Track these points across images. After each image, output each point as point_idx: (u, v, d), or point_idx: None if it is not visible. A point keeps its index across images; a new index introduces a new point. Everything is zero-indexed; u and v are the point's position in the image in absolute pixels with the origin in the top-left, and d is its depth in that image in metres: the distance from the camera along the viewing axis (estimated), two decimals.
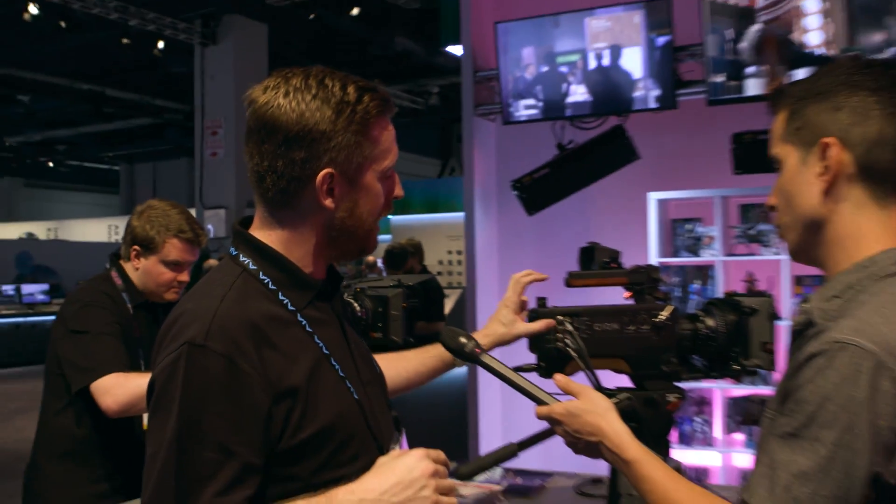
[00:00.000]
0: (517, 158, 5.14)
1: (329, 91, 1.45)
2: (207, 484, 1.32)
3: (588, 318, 2.21)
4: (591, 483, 2.74)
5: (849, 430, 1.21)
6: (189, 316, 1.41)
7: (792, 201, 1.45)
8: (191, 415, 1.34)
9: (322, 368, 1.48)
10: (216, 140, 11.85)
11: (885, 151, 1.36)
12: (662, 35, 4.47)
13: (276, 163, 1.45)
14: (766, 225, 4.83)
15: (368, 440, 1.53)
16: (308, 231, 1.51)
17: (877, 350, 1.23)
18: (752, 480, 1.31)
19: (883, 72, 1.39)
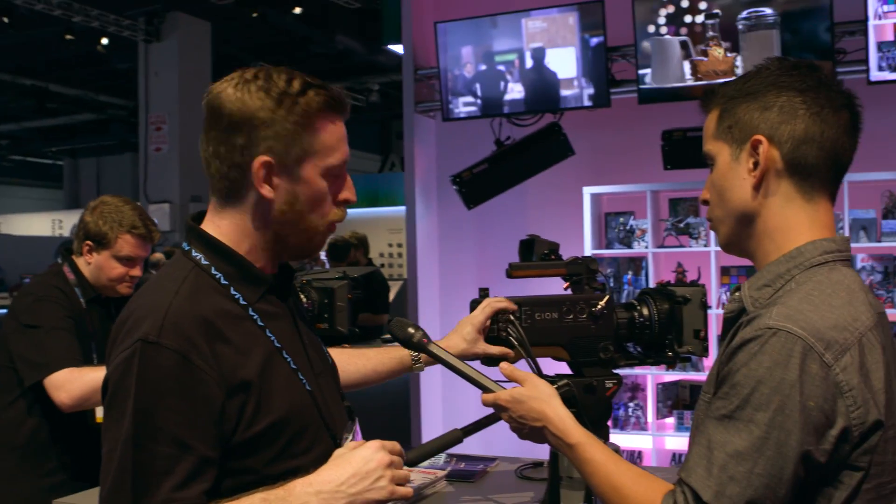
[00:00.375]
0: (456, 154, 5.26)
1: (273, 82, 1.48)
2: (164, 479, 1.34)
3: (529, 308, 2.29)
4: (533, 467, 2.85)
5: (781, 411, 1.27)
6: (142, 312, 1.42)
7: (724, 196, 1.51)
8: (146, 411, 1.35)
9: (274, 362, 1.49)
10: (160, 135, 11.76)
11: (811, 148, 1.43)
12: (596, 36, 4.62)
13: (220, 148, 1.48)
14: (695, 218, 5.02)
15: (322, 430, 1.56)
16: (252, 224, 1.51)
17: (806, 335, 1.29)
18: (689, 461, 1.35)
19: (808, 74, 1.47)
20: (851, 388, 1.30)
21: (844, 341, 1.32)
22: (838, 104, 1.45)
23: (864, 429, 1.30)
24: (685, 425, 5.00)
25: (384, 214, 12.25)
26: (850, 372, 1.30)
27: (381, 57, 12.74)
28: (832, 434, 1.29)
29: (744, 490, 1.28)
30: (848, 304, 1.37)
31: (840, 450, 1.30)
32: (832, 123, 1.44)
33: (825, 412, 1.28)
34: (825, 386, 1.28)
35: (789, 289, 1.40)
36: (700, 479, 1.31)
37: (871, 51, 4.13)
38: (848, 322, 1.34)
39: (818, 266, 1.42)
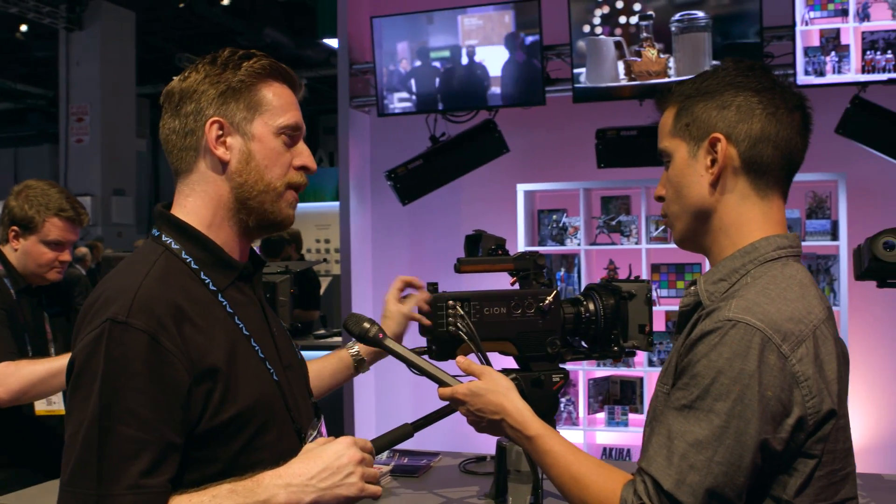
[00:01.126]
0: (391, 150, 5.25)
1: (218, 56, 1.54)
2: (131, 463, 1.31)
3: (478, 303, 2.30)
4: (476, 461, 2.87)
5: (740, 400, 1.30)
6: (111, 293, 1.41)
7: (681, 192, 1.53)
8: (113, 392, 1.32)
9: (242, 349, 1.48)
10: (82, 126, 11.45)
11: (767, 147, 1.47)
12: (531, 34, 4.67)
13: (174, 122, 1.53)
14: (627, 216, 5.10)
15: (287, 423, 1.54)
16: (213, 192, 1.53)
17: (764, 327, 1.33)
18: (649, 451, 1.38)
19: (763, 75, 1.51)
20: (807, 378, 1.34)
21: (800, 333, 1.36)
22: (792, 105, 1.50)
23: (818, 417, 1.35)
24: (615, 420, 5.08)
25: (312, 210, 12.13)
26: (805, 363, 1.35)
27: (310, 51, 12.67)
28: (788, 423, 1.33)
29: (703, 478, 1.31)
30: (801, 297, 1.41)
31: (795, 438, 1.34)
32: (786, 124, 1.48)
33: (782, 402, 1.32)
34: (782, 376, 1.33)
35: (745, 283, 1.44)
36: (660, 468, 1.34)
37: (798, 55, 4.26)
38: (803, 315, 1.38)
39: (772, 261, 1.46)
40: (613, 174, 4.90)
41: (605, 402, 5.21)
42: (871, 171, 4.70)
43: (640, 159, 4.60)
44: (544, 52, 4.68)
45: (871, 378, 4.68)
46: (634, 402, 5.12)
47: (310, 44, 12.36)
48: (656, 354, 4.96)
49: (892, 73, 4.18)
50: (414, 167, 4.85)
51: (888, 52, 4.18)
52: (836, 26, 4.25)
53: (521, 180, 5.20)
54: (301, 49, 12.67)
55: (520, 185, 5.17)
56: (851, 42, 4.22)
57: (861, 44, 4.21)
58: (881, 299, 4.49)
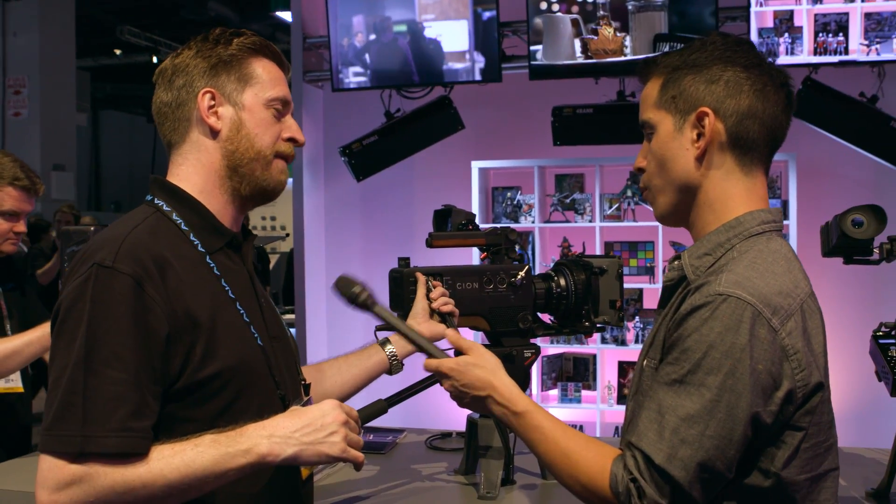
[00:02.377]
0: (345, 126, 5.19)
1: (208, 35, 1.60)
2: (118, 405, 1.32)
3: (450, 278, 2.29)
4: (441, 437, 2.87)
5: (731, 374, 1.31)
6: (98, 243, 1.43)
7: (665, 165, 1.52)
8: (98, 335, 1.33)
9: (226, 310, 1.49)
10: (20, 99, 11.11)
11: (754, 123, 1.46)
12: (488, 10, 4.65)
13: (166, 95, 1.58)
14: (581, 194, 5.13)
15: (272, 391, 1.55)
16: (207, 159, 1.56)
17: (754, 301, 1.33)
18: (640, 426, 1.37)
19: (751, 50, 1.50)
20: (796, 351, 1.35)
21: (789, 307, 1.37)
22: (778, 83, 1.50)
23: (807, 390, 1.36)
24: (568, 397, 5.12)
25: None
26: (794, 336, 1.35)
27: (256, 25, 12.45)
28: (778, 396, 1.34)
29: (695, 452, 1.31)
30: (788, 271, 1.41)
31: (785, 411, 1.35)
32: (773, 101, 1.48)
33: (773, 375, 1.33)
34: (773, 349, 1.33)
35: (731, 257, 1.44)
36: (651, 442, 1.33)
37: (752, 36, 4.30)
38: (790, 289, 1.39)
39: (757, 235, 1.46)
40: (568, 152, 4.92)
41: (558, 378, 5.25)
42: (821, 152, 4.79)
43: (597, 137, 4.62)
44: (501, 29, 4.67)
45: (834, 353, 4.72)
46: (587, 378, 5.17)
47: (256, 17, 12.16)
48: (610, 331, 5.00)
49: (843, 56, 4.26)
50: (368, 143, 4.81)
51: (839, 35, 4.26)
52: (790, 8, 4.31)
53: (476, 157, 5.19)
54: (247, 23, 12.44)
55: (474, 162, 5.16)
56: (805, 24, 4.29)
57: (814, 26, 4.28)
58: (831, 277, 4.59)
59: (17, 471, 2.50)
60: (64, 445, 1.31)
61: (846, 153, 4.52)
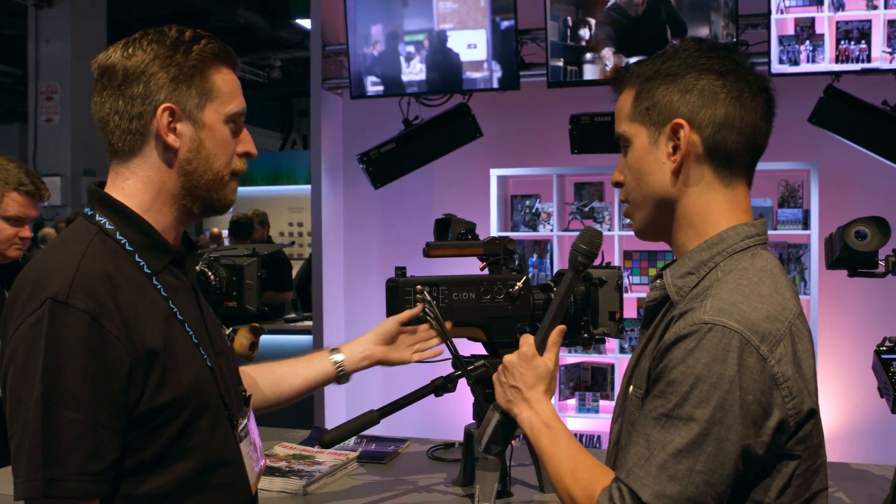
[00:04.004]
0: (364, 133, 5.20)
1: (165, 35, 1.48)
2: (75, 447, 1.29)
3: (446, 288, 2.28)
4: (444, 448, 2.85)
5: (721, 407, 1.25)
6: (48, 271, 1.36)
7: (642, 180, 1.46)
8: (55, 374, 1.29)
9: (177, 333, 1.46)
10: (51, 105, 11.26)
11: (731, 133, 1.40)
12: (507, 19, 4.63)
13: (118, 103, 1.46)
14: (600, 202, 5.09)
15: (221, 410, 1.52)
16: (157, 177, 1.48)
17: (741, 329, 1.27)
18: (628, 462, 1.32)
19: (727, 56, 1.44)
20: (787, 378, 1.29)
21: (777, 332, 1.30)
22: (756, 88, 1.43)
23: (799, 418, 1.30)
24: (586, 406, 5.08)
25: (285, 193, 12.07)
26: (784, 363, 1.29)
27: (284, 32, 12.55)
28: (769, 426, 1.28)
29: (684, 488, 1.25)
30: (774, 292, 1.35)
31: (777, 440, 1.29)
32: (751, 108, 1.41)
33: (763, 405, 1.27)
34: (762, 379, 1.27)
35: (715, 277, 1.38)
36: (638, 479, 1.28)
37: (772, 44, 4.25)
38: (778, 312, 1.33)
39: (741, 252, 1.40)
40: (587, 160, 4.88)
41: (575, 388, 5.21)
42: (843, 161, 4.71)
43: (614, 145, 4.54)
44: (519, 37, 4.65)
45: (840, 367, 4.71)
46: (605, 388, 5.13)
47: (284, 25, 12.24)
48: (627, 341, 4.96)
49: (865, 63, 4.19)
50: (386, 151, 4.80)
51: (862, 42, 4.18)
52: (811, 15, 4.24)
53: (495, 165, 5.17)
54: (275, 30, 12.55)
55: (493, 169, 5.14)
56: (826, 31, 4.22)
57: (835, 33, 4.21)
58: (852, 289, 4.51)
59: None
60: (29, 490, 1.29)
61: (869, 162, 4.44)
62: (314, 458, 2.67)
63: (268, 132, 18.64)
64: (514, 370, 1.60)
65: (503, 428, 1.66)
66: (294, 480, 2.46)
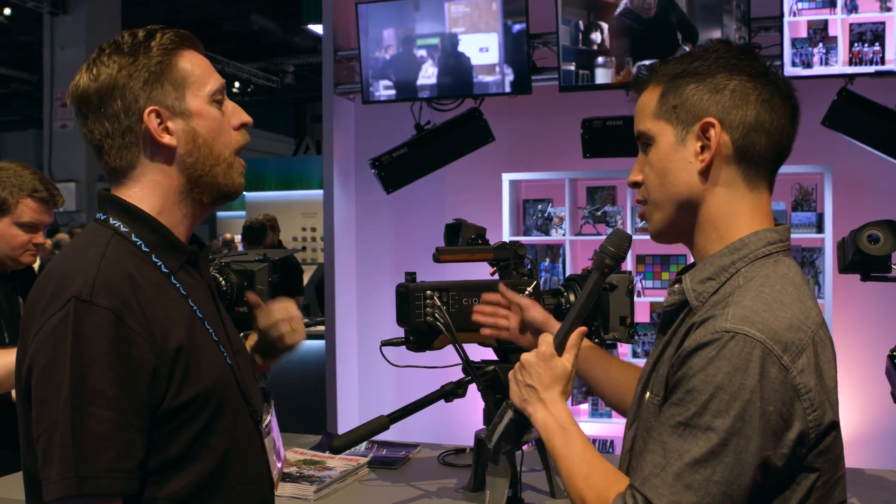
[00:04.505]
0: (376, 138, 5.20)
1: (120, 43, 1.47)
2: (107, 446, 1.30)
3: (456, 293, 2.27)
4: (455, 453, 2.84)
5: (741, 417, 1.23)
6: (69, 273, 1.37)
7: (666, 179, 1.44)
8: (83, 373, 1.30)
9: (198, 331, 1.47)
10: (66, 111, 11.34)
11: (761, 136, 1.38)
12: (518, 23, 4.62)
13: (104, 124, 1.47)
14: (612, 207, 5.08)
15: (242, 406, 1.53)
16: (164, 180, 1.49)
17: (764, 338, 1.25)
18: (644, 470, 1.30)
19: (755, 59, 1.41)
20: (808, 390, 1.27)
21: (800, 342, 1.28)
22: (785, 93, 1.42)
23: (819, 431, 1.28)
24: (599, 411, 5.06)
25: (298, 198, 12.11)
26: (806, 374, 1.27)
27: (297, 38, 12.60)
28: (790, 437, 1.25)
29: (701, 499, 1.23)
30: (797, 300, 1.33)
31: (797, 453, 1.27)
32: (780, 112, 1.40)
33: (783, 416, 1.25)
34: (784, 390, 1.25)
35: (737, 284, 1.35)
36: (654, 487, 1.26)
37: (785, 46, 4.23)
38: (801, 321, 1.30)
39: (763, 258, 1.38)
40: (599, 164, 4.87)
41: (588, 392, 5.19)
42: (857, 164, 4.68)
43: (627, 149, 4.55)
44: (531, 41, 4.64)
45: (856, 372, 4.67)
46: None
47: (297, 30, 12.28)
48: (640, 346, 4.94)
49: (879, 66, 4.16)
50: (398, 155, 4.80)
51: (875, 45, 4.16)
52: (824, 18, 4.22)
53: (507, 170, 5.17)
54: (289, 35, 12.60)
55: (505, 174, 5.14)
56: (839, 34, 4.19)
57: (849, 35, 4.19)
58: (866, 292, 4.47)
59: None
60: (63, 489, 1.29)
61: (883, 165, 4.42)
62: (325, 464, 2.67)
63: (281, 137, 18.70)
64: (531, 369, 1.57)
65: (515, 427, 1.63)
66: (304, 486, 2.46)
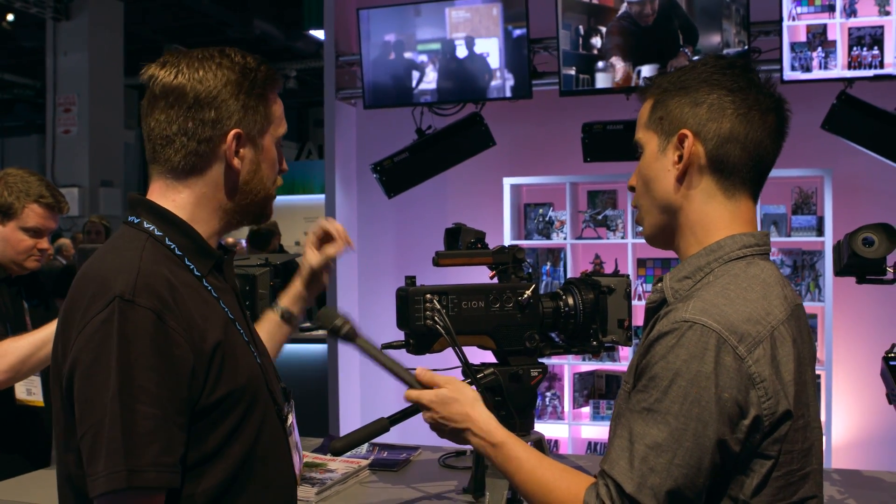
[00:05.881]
0: (377, 142, 5.23)
1: (231, 59, 1.54)
2: (153, 441, 1.33)
3: (455, 297, 2.29)
4: (455, 456, 2.86)
5: (697, 402, 1.31)
6: (112, 274, 1.40)
7: (649, 185, 1.54)
8: (129, 371, 1.33)
9: (231, 331, 1.52)
10: (69, 117, 11.39)
11: (735, 148, 1.46)
12: (519, 28, 4.65)
13: (187, 124, 1.50)
14: (613, 210, 5.10)
15: (270, 405, 1.58)
16: (213, 195, 1.55)
17: (720, 328, 1.33)
18: (611, 453, 1.38)
19: (741, 74, 1.49)
20: (763, 379, 1.34)
21: (757, 334, 1.36)
22: (766, 107, 1.48)
23: (773, 419, 1.35)
24: (601, 414, 5.08)
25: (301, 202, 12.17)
26: (762, 364, 1.34)
27: (300, 43, 12.63)
28: (745, 423, 1.33)
29: (664, 480, 1.32)
30: (762, 298, 1.40)
31: (752, 438, 1.35)
32: (758, 125, 1.47)
33: (738, 403, 1.33)
34: (739, 377, 1.33)
35: (707, 282, 1.44)
36: (622, 471, 1.35)
37: (784, 51, 4.25)
38: (761, 316, 1.38)
39: (737, 260, 1.46)
40: (600, 168, 4.89)
41: (590, 396, 5.21)
42: (856, 168, 4.70)
43: (627, 154, 4.54)
44: (531, 46, 4.67)
45: (855, 374, 4.69)
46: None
47: (299, 35, 12.33)
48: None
49: (878, 70, 4.18)
50: (400, 160, 4.82)
51: (874, 49, 4.18)
52: (823, 22, 4.24)
53: (508, 174, 5.19)
54: (291, 41, 12.63)
55: (506, 178, 5.16)
56: (838, 38, 4.21)
57: (847, 39, 4.21)
58: (865, 295, 4.49)
59: (39, 483, 2.56)
60: (111, 483, 1.32)
61: (883, 168, 4.43)
62: (326, 466, 2.69)
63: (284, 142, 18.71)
64: (441, 409, 1.69)
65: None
66: (306, 488, 2.48)
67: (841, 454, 4.71)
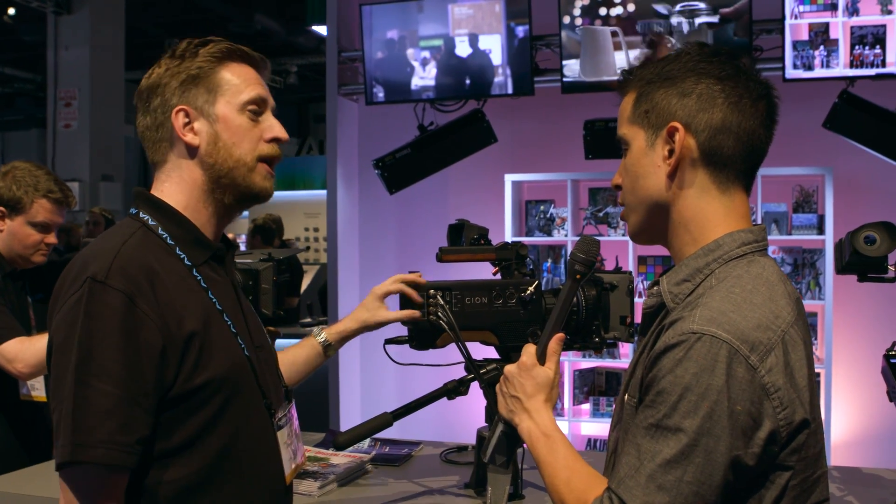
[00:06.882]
0: (379, 139, 5.24)
1: (175, 50, 1.60)
2: (106, 418, 1.36)
3: (459, 292, 2.30)
4: (457, 451, 2.87)
5: (709, 417, 1.24)
6: (92, 257, 1.45)
7: (637, 182, 1.46)
8: (89, 348, 1.37)
9: (214, 321, 1.53)
10: (70, 111, 11.37)
11: (728, 138, 1.38)
12: (521, 24, 4.66)
13: (146, 118, 1.60)
14: (614, 208, 5.11)
15: (258, 398, 1.58)
16: (188, 176, 1.58)
17: (730, 339, 1.26)
18: (620, 471, 1.31)
19: (727, 61, 1.41)
20: (777, 388, 1.28)
21: (768, 341, 1.29)
22: (756, 94, 1.42)
23: (791, 429, 1.29)
24: (601, 411, 5.09)
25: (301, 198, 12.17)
26: (775, 373, 1.28)
27: (301, 38, 12.62)
28: (760, 437, 1.27)
29: (673, 499, 1.25)
30: (769, 299, 1.34)
31: (769, 451, 1.28)
32: (750, 114, 1.40)
33: (752, 415, 1.26)
34: (752, 389, 1.26)
35: (709, 285, 1.37)
36: (628, 489, 1.28)
37: (786, 49, 4.26)
38: (770, 320, 1.31)
39: (737, 259, 1.39)
40: (601, 165, 4.89)
41: (590, 393, 5.23)
42: (857, 166, 4.71)
43: None
44: (533, 43, 4.68)
45: (855, 372, 4.70)
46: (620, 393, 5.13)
47: (301, 31, 12.32)
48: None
49: (880, 68, 4.19)
50: (402, 156, 4.84)
51: (876, 47, 4.19)
52: (826, 20, 4.25)
53: (509, 170, 5.20)
54: (292, 36, 12.63)
55: (508, 175, 5.17)
56: (840, 36, 4.22)
57: (850, 38, 4.21)
58: (866, 293, 4.50)
59: (41, 476, 2.57)
60: (61, 456, 1.37)
61: (884, 167, 4.44)
62: (328, 461, 2.70)
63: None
64: (514, 380, 1.58)
65: (507, 438, 1.64)
66: (308, 482, 2.49)
67: (841, 452, 4.72)
